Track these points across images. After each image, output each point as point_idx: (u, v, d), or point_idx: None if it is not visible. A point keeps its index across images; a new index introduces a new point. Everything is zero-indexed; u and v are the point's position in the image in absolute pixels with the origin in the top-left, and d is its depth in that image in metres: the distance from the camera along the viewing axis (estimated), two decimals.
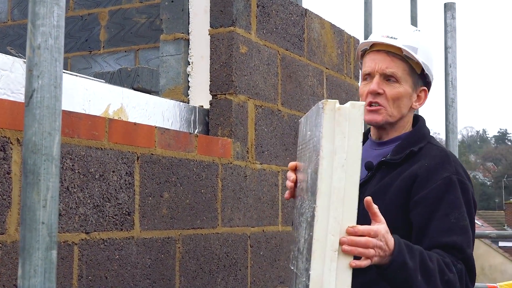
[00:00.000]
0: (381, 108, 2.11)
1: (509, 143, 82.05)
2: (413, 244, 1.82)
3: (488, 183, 66.41)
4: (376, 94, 2.10)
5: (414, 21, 4.84)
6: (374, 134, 2.22)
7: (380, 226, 1.71)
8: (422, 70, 2.13)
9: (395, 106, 2.11)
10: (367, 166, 2.13)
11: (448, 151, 2.12)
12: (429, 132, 2.20)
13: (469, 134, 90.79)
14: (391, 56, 2.11)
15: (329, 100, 1.64)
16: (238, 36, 2.86)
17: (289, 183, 2.03)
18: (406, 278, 1.77)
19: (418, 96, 2.16)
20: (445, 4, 3.48)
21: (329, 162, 1.61)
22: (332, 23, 3.77)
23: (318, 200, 1.60)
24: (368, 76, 2.14)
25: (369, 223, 1.74)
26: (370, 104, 2.12)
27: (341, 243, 1.61)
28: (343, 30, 3.91)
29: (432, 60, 2.19)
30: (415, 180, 2.00)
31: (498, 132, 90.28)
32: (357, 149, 1.64)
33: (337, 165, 1.62)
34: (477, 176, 66.86)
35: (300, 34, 3.38)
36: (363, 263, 1.65)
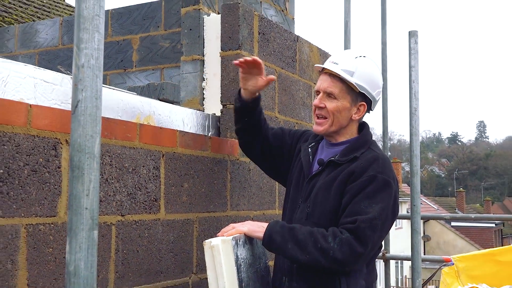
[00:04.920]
0: (323, 121, 2.15)
1: (460, 143, 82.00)
2: (292, 225, 2.00)
3: (443, 175, 66.40)
4: (319, 107, 2.15)
5: (384, 46, 4.82)
6: (326, 137, 2.24)
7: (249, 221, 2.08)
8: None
9: (335, 117, 2.13)
10: (319, 162, 2.19)
11: (382, 155, 2.11)
12: (371, 137, 2.21)
13: (427, 135, 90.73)
14: (332, 78, 2.13)
15: (206, 241, 1.90)
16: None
17: None
18: (279, 246, 1.96)
19: (358, 109, 2.16)
20: (409, 32, 3.45)
21: (214, 285, 1.86)
22: (319, 47, 3.75)
23: None
24: (317, 92, 2.18)
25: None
26: (317, 116, 2.17)
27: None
28: (327, 52, 3.89)
29: (373, 80, 2.16)
30: (351, 175, 2.04)
31: (451, 134, 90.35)
32: (232, 274, 1.87)
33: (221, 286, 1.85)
34: (434, 170, 66.84)
35: (293, 56, 3.36)
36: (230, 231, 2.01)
